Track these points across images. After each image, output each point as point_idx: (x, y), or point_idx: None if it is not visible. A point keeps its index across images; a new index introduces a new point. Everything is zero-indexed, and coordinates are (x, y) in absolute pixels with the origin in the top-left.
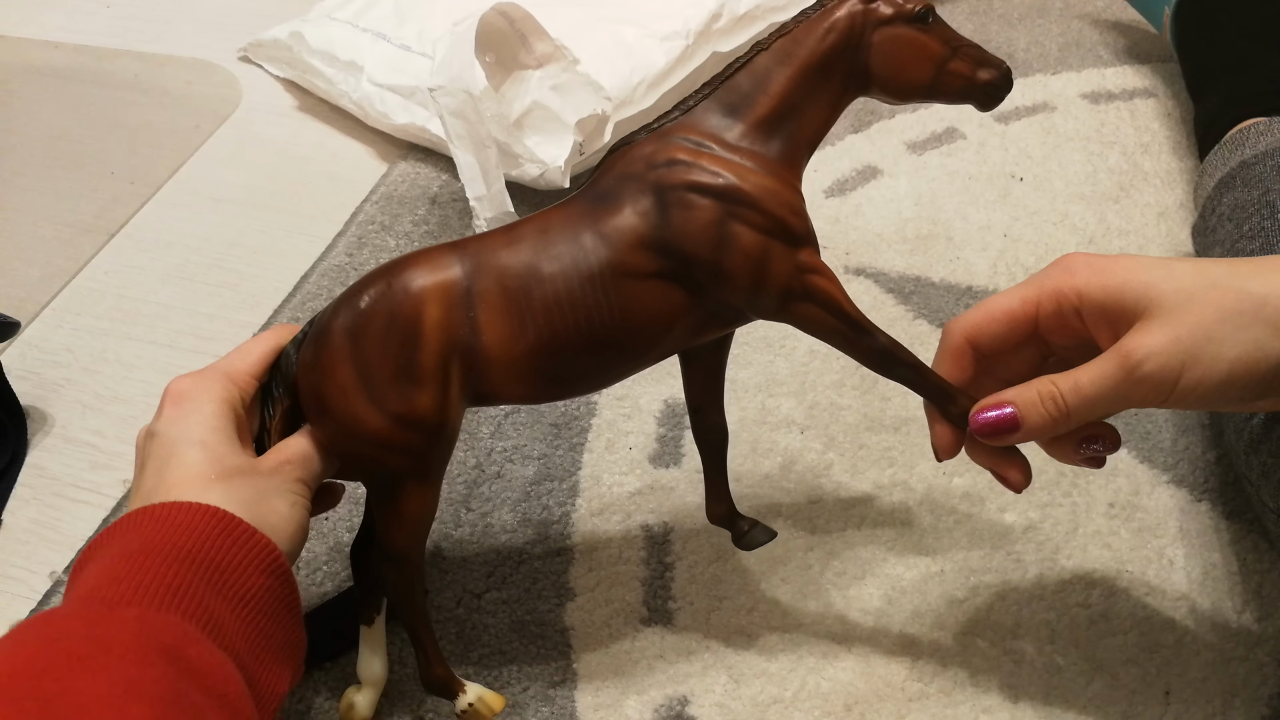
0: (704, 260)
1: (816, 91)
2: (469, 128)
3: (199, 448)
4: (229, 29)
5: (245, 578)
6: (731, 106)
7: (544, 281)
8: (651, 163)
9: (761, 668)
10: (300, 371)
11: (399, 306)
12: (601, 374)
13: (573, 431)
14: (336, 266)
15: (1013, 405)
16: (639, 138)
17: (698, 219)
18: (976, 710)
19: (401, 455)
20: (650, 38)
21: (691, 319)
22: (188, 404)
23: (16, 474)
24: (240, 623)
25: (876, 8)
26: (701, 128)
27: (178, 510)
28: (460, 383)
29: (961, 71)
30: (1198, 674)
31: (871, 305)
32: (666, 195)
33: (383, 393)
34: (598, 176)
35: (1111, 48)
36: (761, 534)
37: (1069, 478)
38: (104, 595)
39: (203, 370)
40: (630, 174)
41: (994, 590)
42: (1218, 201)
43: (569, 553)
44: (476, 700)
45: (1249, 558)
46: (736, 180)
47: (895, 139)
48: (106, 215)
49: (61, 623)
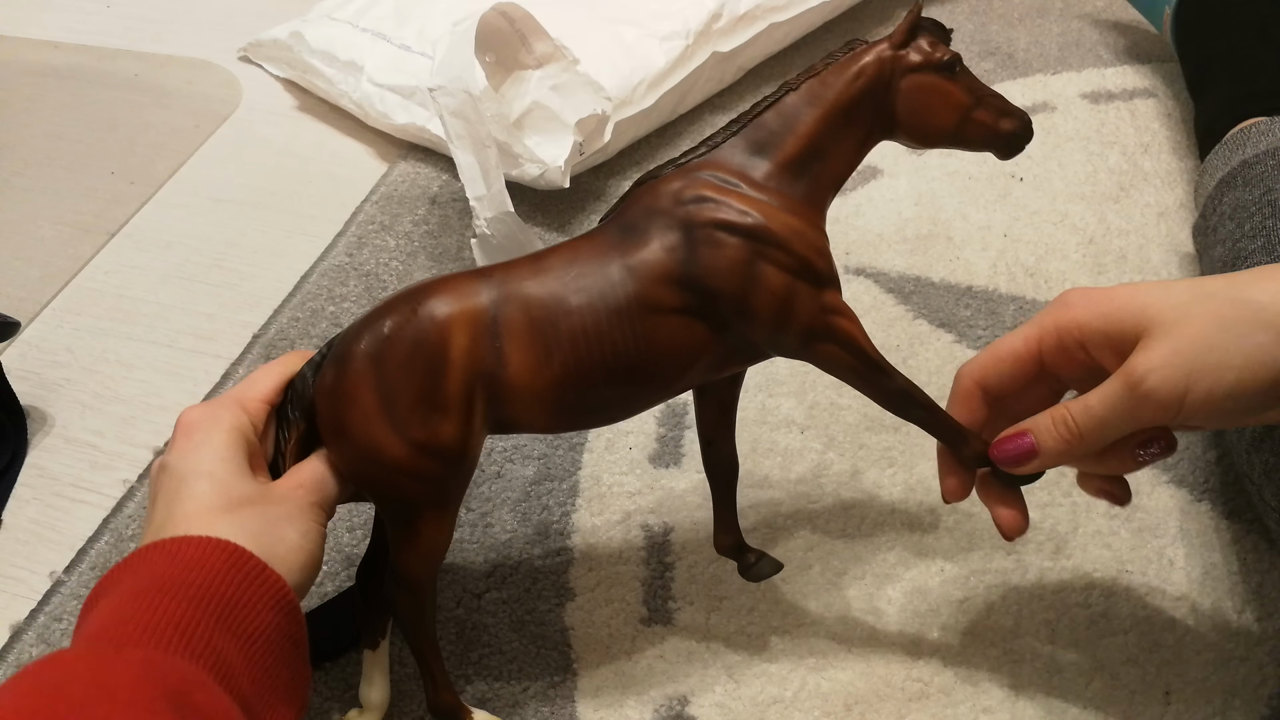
0: (730, 298)
1: (843, 134)
2: (469, 128)
3: (207, 479)
4: (229, 29)
5: (254, 614)
6: (759, 145)
7: (570, 313)
8: (679, 199)
9: (761, 668)
10: (319, 394)
11: (425, 333)
12: (622, 406)
13: (573, 431)
14: (336, 266)
15: (1029, 431)
16: (665, 172)
17: (726, 257)
18: (976, 710)
19: (421, 483)
20: (650, 38)
21: (714, 354)
22: (197, 435)
23: (16, 474)
24: (247, 662)
25: (906, 55)
26: (729, 165)
27: (186, 545)
28: (483, 412)
29: (985, 121)
30: (1198, 674)
31: (871, 305)
32: (695, 232)
33: (405, 419)
34: (624, 209)
35: (1111, 48)
36: (768, 566)
37: (1069, 478)
38: (111, 636)
39: (213, 400)
40: (658, 209)
41: (994, 590)
42: (1219, 201)
43: (569, 553)
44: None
45: (1249, 558)
46: (765, 220)
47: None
48: (106, 215)
49: (67, 666)
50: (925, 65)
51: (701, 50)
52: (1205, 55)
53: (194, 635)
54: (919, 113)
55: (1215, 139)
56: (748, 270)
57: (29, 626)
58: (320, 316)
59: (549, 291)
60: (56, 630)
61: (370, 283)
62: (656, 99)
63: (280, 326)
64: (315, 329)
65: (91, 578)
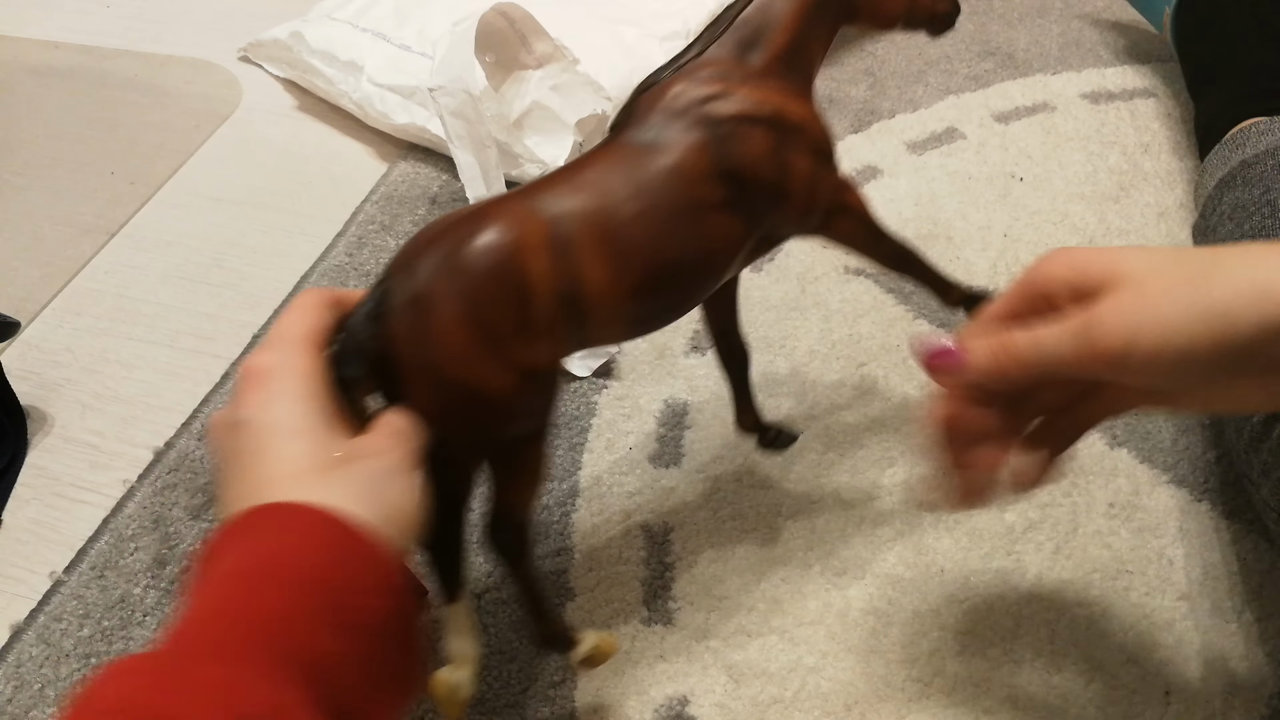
0: (767, 185)
1: (816, 23)
2: (469, 128)
3: (297, 436)
4: (229, 29)
5: (363, 600)
6: (748, 42)
7: (631, 222)
8: (692, 99)
9: (761, 668)
10: (399, 342)
11: (503, 262)
12: (683, 306)
13: (573, 431)
14: (336, 266)
15: (966, 348)
16: (664, 77)
17: (756, 146)
18: (976, 710)
19: (526, 414)
20: (650, 38)
21: (749, 243)
22: (274, 384)
23: (16, 474)
24: (354, 657)
25: None
26: (727, 62)
27: (290, 516)
28: (564, 331)
29: (926, 4)
30: (1197, 674)
31: (871, 305)
32: (719, 128)
33: (508, 351)
34: (634, 118)
35: (1111, 48)
36: (785, 439)
37: (1068, 478)
38: (200, 634)
39: (274, 342)
40: (674, 111)
41: (994, 590)
42: (1218, 201)
43: (569, 553)
44: (594, 647)
45: (1249, 558)
46: (780, 107)
47: (895, 139)
48: (106, 215)
49: (131, 687)
50: None
51: None
52: (1205, 55)
53: (294, 632)
54: (876, 1)
55: (1215, 139)
56: (778, 157)
57: (29, 626)
58: None
59: (600, 204)
60: (57, 630)
61: (370, 283)
62: None
63: None
64: None
65: (91, 578)
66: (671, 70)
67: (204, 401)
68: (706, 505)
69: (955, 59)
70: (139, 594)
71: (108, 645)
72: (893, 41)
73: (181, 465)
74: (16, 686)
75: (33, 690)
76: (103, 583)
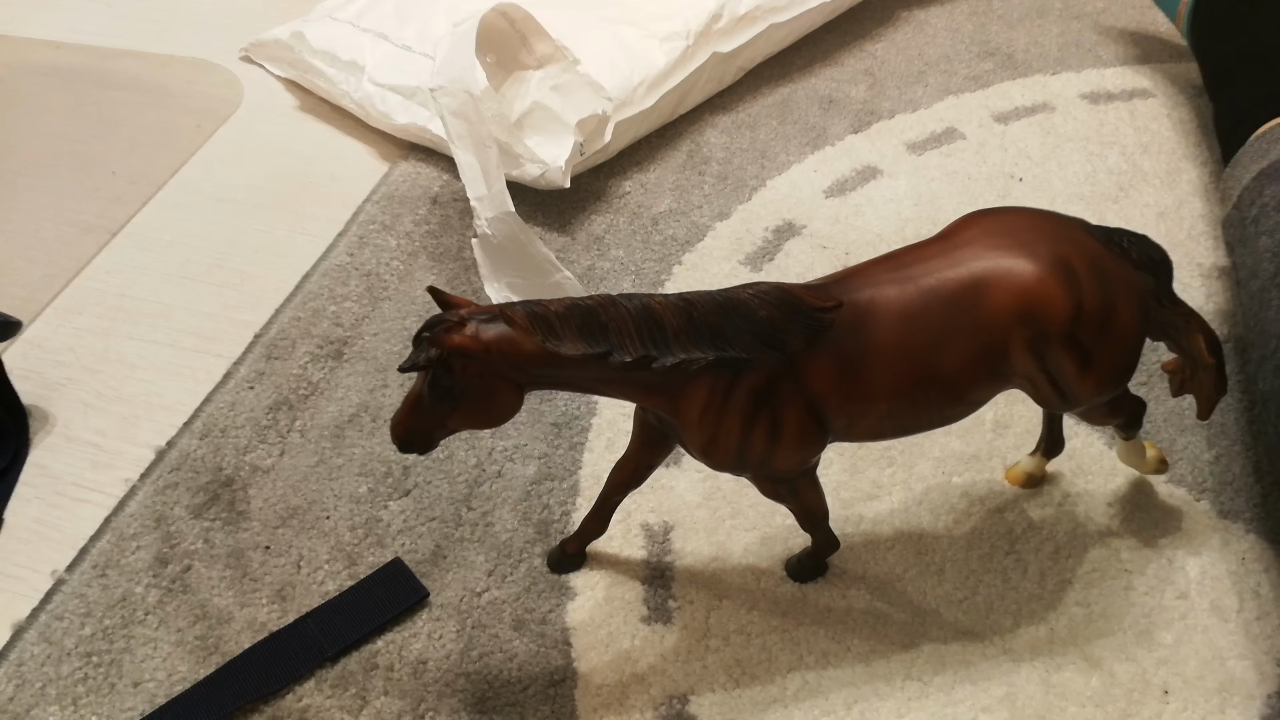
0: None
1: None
2: (470, 128)
3: None
4: (230, 29)
5: None
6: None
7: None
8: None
9: (761, 668)
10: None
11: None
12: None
13: (573, 431)
14: (338, 266)
15: None
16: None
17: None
18: (976, 710)
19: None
20: (650, 38)
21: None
22: None
23: (18, 473)
24: None
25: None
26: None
27: None
28: None
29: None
30: (1196, 673)
31: None
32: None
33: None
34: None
35: (1111, 48)
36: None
37: (1068, 477)
38: None
39: None
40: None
41: (994, 590)
42: (1258, 193)
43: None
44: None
45: (1248, 557)
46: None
47: (895, 139)
48: (108, 215)
49: None
50: None
51: (702, 51)
52: (1226, 52)
53: None
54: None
55: (1245, 133)
56: None
57: (31, 625)
58: (322, 316)
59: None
60: (58, 629)
61: (371, 282)
62: (657, 99)
63: (282, 326)
64: (317, 328)
65: (93, 576)
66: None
67: (205, 400)
68: (706, 505)
69: (955, 60)
70: (140, 592)
71: (109, 644)
72: (893, 42)
73: (183, 464)
74: (18, 685)
75: (34, 688)
76: (104, 581)
